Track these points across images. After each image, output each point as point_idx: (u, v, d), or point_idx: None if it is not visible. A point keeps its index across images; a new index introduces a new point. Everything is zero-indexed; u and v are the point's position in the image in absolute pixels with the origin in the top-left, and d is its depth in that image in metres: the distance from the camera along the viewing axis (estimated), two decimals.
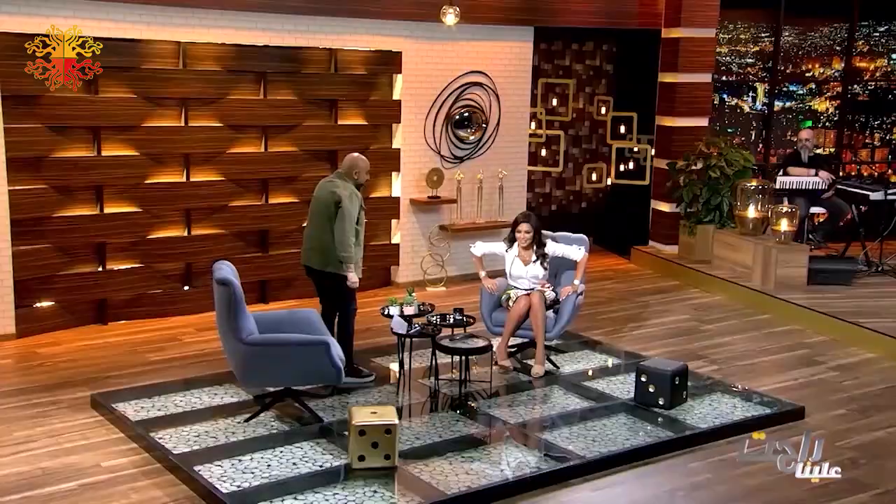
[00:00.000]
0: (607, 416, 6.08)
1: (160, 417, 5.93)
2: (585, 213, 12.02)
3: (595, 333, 8.03)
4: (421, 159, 9.51)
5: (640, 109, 11.55)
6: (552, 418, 6.08)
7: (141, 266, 8.18)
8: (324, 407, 6.14)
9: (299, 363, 5.73)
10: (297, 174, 8.85)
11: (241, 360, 5.68)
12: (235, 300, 5.60)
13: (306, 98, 8.78)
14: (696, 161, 10.38)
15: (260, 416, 5.93)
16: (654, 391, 6.14)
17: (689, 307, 9.13)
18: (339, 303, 6.46)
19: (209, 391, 6.41)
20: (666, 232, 10.94)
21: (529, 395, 6.48)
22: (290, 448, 5.49)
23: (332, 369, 5.75)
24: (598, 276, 10.33)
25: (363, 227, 6.40)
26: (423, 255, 9.61)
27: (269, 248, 8.84)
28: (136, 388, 6.44)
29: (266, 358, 5.68)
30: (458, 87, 9.59)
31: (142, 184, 8.09)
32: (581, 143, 12.01)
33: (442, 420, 6.03)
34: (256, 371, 5.72)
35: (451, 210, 9.71)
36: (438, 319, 6.67)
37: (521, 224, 6.89)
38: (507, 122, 9.96)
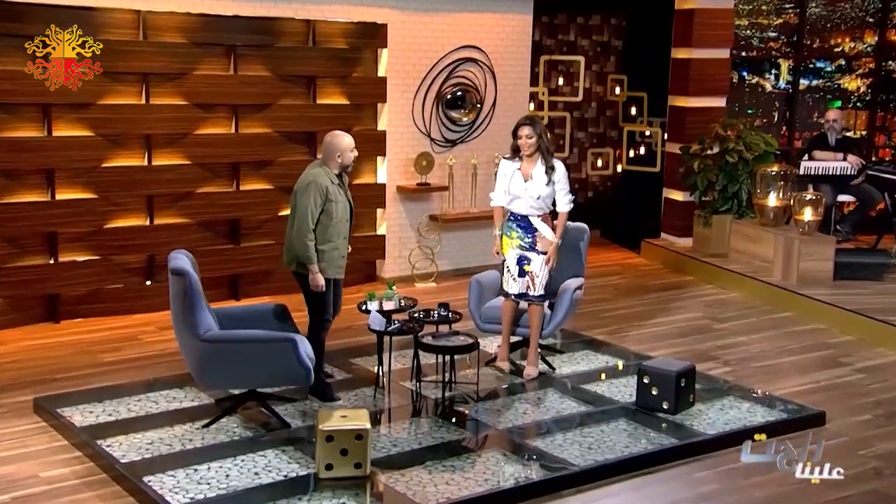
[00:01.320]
0: (606, 422, 6.00)
1: (110, 423, 5.84)
2: (592, 203, 12.01)
3: (598, 332, 7.98)
4: (409, 143, 9.44)
5: (651, 89, 11.52)
6: (545, 424, 5.99)
7: (97, 258, 8.09)
8: (293, 412, 6.06)
9: (263, 362, 5.64)
10: (271, 158, 8.77)
11: (198, 359, 5.59)
12: (191, 292, 5.51)
13: (281, 74, 8.71)
14: (712, 145, 10.33)
15: (221, 422, 5.84)
16: (657, 394, 6.06)
17: (703, 304, 9.09)
18: (309, 309, 6.11)
19: (167, 394, 6.33)
20: (679, 223, 10.91)
21: (521, 399, 6.40)
22: (252, 456, 5.40)
23: (301, 369, 5.64)
24: (604, 271, 10.31)
25: (341, 222, 6.01)
26: (412, 248, 9.54)
27: (240, 240, 8.77)
28: (85, 391, 6.36)
29: (225, 356, 5.59)
30: (449, 63, 9.52)
31: (98, 167, 8.00)
32: (587, 126, 11.96)
33: (423, 425, 5.96)
34: (215, 371, 5.63)
35: (441, 198, 9.64)
36: (421, 315, 6.59)
37: (523, 128, 6.35)
38: (504, 103, 9.88)
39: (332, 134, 6.12)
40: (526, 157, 6.48)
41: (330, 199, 5.94)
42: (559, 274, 6.96)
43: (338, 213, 5.99)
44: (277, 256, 8.70)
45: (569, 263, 7.07)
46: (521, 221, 6.53)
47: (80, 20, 7.63)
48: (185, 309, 5.53)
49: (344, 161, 6.04)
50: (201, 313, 5.56)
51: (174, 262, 5.66)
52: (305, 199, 5.88)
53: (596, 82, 11.90)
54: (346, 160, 6.05)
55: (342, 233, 6.07)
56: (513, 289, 6.59)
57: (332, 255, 6.06)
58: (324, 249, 6.01)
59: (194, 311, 5.53)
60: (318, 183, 5.90)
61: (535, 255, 6.52)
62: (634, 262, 10.87)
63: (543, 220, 6.55)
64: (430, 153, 9.48)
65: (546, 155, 6.43)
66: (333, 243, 6.04)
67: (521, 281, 6.57)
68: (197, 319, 5.54)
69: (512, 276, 6.58)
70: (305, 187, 5.90)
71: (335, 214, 5.98)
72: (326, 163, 6.04)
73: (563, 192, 6.52)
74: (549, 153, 6.46)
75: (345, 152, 6.02)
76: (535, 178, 6.43)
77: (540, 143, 6.41)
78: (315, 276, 5.97)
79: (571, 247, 7.13)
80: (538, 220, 6.53)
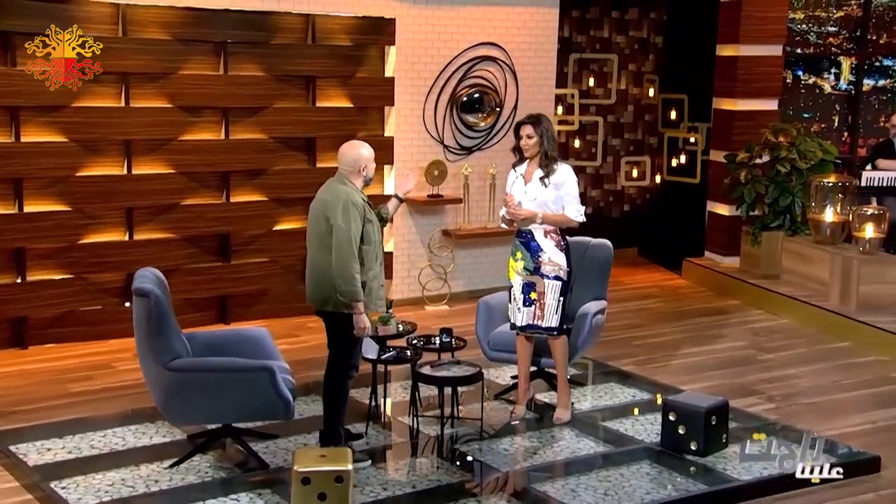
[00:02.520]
0: (627, 464, 5.85)
1: (68, 462, 5.76)
2: (627, 218, 11.92)
3: (626, 362, 7.86)
4: (419, 150, 9.36)
5: (693, 90, 11.39)
6: (557, 466, 5.88)
7: (70, 277, 8.04)
8: (275, 449, 5.97)
9: (237, 394, 5.54)
10: (264, 166, 8.71)
11: (164, 390, 5.50)
12: (157, 315, 5.41)
13: (276, 74, 8.66)
14: (762, 153, 10.19)
15: (192, 460, 5.74)
16: (684, 433, 5.90)
17: (748, 332, 8.94)
18: (335, 353, 5.72)
19: (136, 429, 6.25)
20: (724, 241, 10.77)
21: (532, 437, 6.27)
22: (224, 500, 5.30)
23: (279, 401, 5.55)
24: (639, 293, 10.22)
25: (376, 245, 5.64)
26: (422, 267, 9.45)
27: (230, 257, 8.70)
28: (45, 425, 6.28)
29: (195, 387, 5.50)
30: (465, 62, 9.45)
31: (72, 177, 7.96)
32: (623, 132, 11.86)
33: (420, 466, 5.87)
34: (182, 403, 5.54)
35: (456, 212, 9.55)
36: (420, 342, 6.47)
37: (523, 127, 6.21)
38: (526, 106, 9.71)
39: (350, 144, 5.74)
40: (529, 161, 6.31)
41: (367, 218, 5.56)
42: (578, 296, 6.80)
43: (374, 234, 5.65)
44: (272, 275, 8.81)
45: (589, 284, 6.93)
46: (526, 239, 6.29)
47: (53, 14, 7.62)
48: (150, 334, 5.44)
49: (368, 173, 5.72)
50: (168, 339, 5.46)
51: (137, 281, 5.60)
52: (345, 221, 5.43)
53: (632, 83, 11.78)
54: (370, 172, 5.74)
55: (380, 257, 5.73)
56: (518, 320, 6.34)
57: (373, 285, 5.62)
58: (364, 280, 5.54)
59: (160, 337, 5.43)
60: (353, 201, 5.49)
61: (541, 279, 6.25)
62: (674, 283, 10.75)
63: (550, 238, 6.27)
64: (442, 161, 9.39)
65: (546, 158, 6.23)
66: (374, 271, 5.62)
67: (527, 311, 6.29)
68: (162, 346, 5.44)
69: (517, 306, 6.33)
70: (341, 208, 5.45)
71: (373, 237, 5.60)
72: (349, 177, 5.67)
73: (571, 198, 6.28)
74: (551, 157, 6.24)
75: (368, 163, 5.70)
76: (535, 181, 6.27)
77: (542, 144, 6.22)
78: (361, 317, 5.52)
79: (592, 265, 6.99)
80: (544, 238, 6.26)
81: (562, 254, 6.29)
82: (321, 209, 5.58)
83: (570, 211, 6.28)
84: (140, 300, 5.45)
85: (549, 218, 6.24)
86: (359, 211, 5.52)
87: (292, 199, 8.76)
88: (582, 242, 7.06)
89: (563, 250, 6.30)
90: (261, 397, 5.52)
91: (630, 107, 11.81)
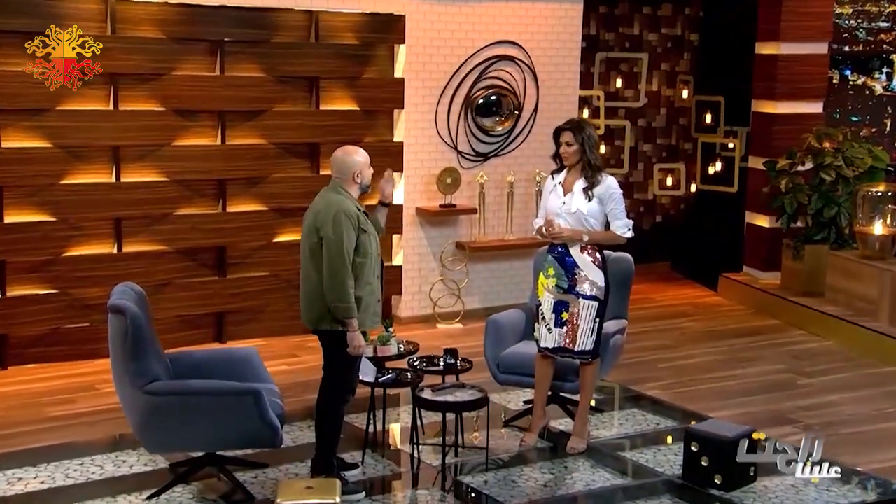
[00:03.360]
0: (644, 498, 5.76)
1: (39, 493, 5.71)
2: (659, 229, 11.91)
3: (651, 386, 7.82)
4: (431, 156, 9.36)
5: (730, 92, 11.33)
6: (570, 500, 5.81)
7: (54, 293, 8.03)
8: (263, 479, 5.92)
9: (220, 420, 5.48)
10: (264, 174, 8.70)
11: (141, 415, 5.45)
12: (134, 334, 5.36)
13: (277, 75, 8.65)
14: (804, 159, 10.10)
15: (173, 491, 5.70)
16: (708, 465, 5.79)
17: (787, 354, 8.87)
18: (330, 375, 5.68)
19: (116, 457, 6.21)
20: (764, 255, 10.71)
21: (543, 468, 6.18)
22: None
23: (266, 428, 5.48)
24: (670, 311, 10.20)
25: (373, 257, 5.60)
26: (434, 283, 9.42)
27: (227, 271, 8.69)
28: (18, 452, 6.25)
29: (173, 412, 5.43)
30: (481, 61, 9.43)
31: (56, 185, 7.97)
32: (655, 137, 11.82)
33: (420, 499, 5.82)
34: (161, 430, 5.48)
35: (470, 223, 9.52)
36: (423, 364, 6.42)
37: (564, 133, 6.11)
38: (547, 109, 9.76)
39: (343, 150, 5.69)
40: (569, 169, 6.20)
41: (363, 229, 5.53)
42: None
43: (371, 246, 5.60)
44: (271, 291, 8.77)
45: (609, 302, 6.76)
46: (560, 254, 6.15)
47: (38, 12, 7.64)
48: (126, 354, 5.39)
49: (364, 180, 5.67)
50: (145, 359, 5.40)
51: (114, 296, 5.55)
52: (336, 233, 5.40)
53: (665, 84, 11.74)
54: (366, 179, 5.69)
55: (376, 270, 5.67)
56: (548, 342, 6.22)
57: (369, 300, 5.56)
58: (360, 296, 5.49)
59: (137, 357, 5.38)
60: (346, 211, 5.44)
61: (575, 298, 6.13)
62: (709, 301, 10.70)
63: (587, 253, 6.12)
64: (456, 169, 9.36)
65: (590, 168, 6.12)
66: (372, 285, 5.59)
67: (558, 332, 6.17)
68: (139, 367, 5.39)
69: (547, 326, 6.20)
70: (332, 219, 5.42)
71: (369, 249, 5.55)
72: (343, 185, 5.62)
73: (619, 212, 6.15)
74: (594, 167, 6.12)
75: (363, 169, 5.65)
76: (576, 192, 6.15)
77: (583, 152, 6.11)
78: (355, 335, 5.49)
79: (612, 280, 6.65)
80: (581, 254, 6.11)
81: (600, 271, 6.16)
82: (312, 220, 5.54)
83: (618, 227, 6.15)
84: (116, 318, 5.41)
85: (596, 237, 6.12)
86: (352, 221, 5.47)
87: (293, 209, 8.70)
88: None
89: (601, 267, 6.17)
90: (246, 423, 5.45)
91: (662, 110, 11.77)
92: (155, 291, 8.24)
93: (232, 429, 5.50)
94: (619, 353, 6.85)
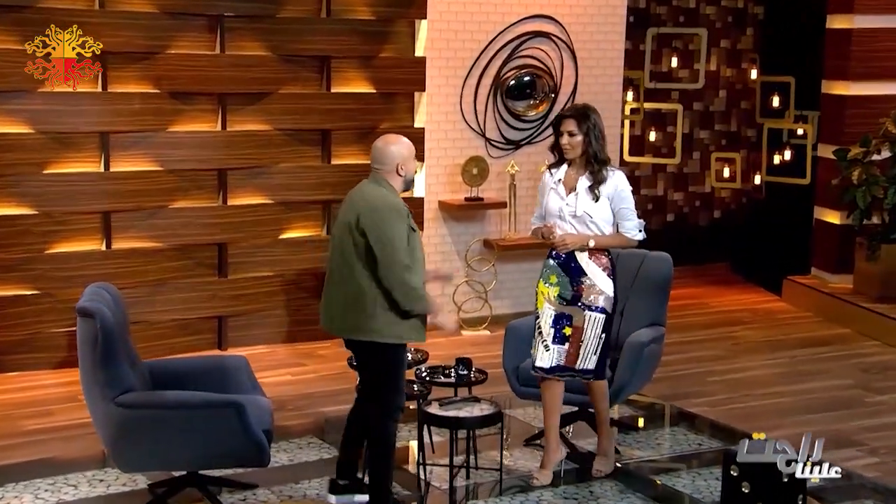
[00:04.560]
0: None
1: None
2: (718, 227, 11.91)
3: (697, 402, 7.76)
4: (455, 144, 9.34)
5: (801, 71, 11.31)
6: None
7: (36, 293, 8.07)
8: (253, 502, 5.94)
9: (200, 435, 5.47)
10: (268, 163, 8.72)
11: (112, 429, 5.46)
12: (104, 340, 5.35)
13: (284, 54, 8.66)
14: (880, 147, 10.01)
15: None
16: (749, 493, 5.68)
17: (856, 368, 8.78)
18: (374, 391, 5.59)
19: (93, 476, 6.23)
20: (835, 255, 10.63)
21: (565, 493, 6.13)
22: None
23: (250, 445, 5.46)
24: (726, 318, 10.15)
25: (422, 258, 5.61)
26: (458, 284, 9.38)
27: (227, 271, 8.70)
28: None
29: (147, 427, 5.43)
30: (513, 38, 9.42)
31: (38, 174, 8.01)
32: (713, 123, 11.83)
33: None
34: (134, 446, 5.47)
35: (499, 218, 9.50)
36: (431, 375, 6.44)
37: (565, 121, 5.89)
38: (588, 91, 9.71)
39: (384, 139, 5.63)
40: (570, 164, 6.02)
41: (412, 228, 5.47)
42: (628, 321, 6.68)
43: (417, 248, 5.55)
44: (276, 293, 8.77)
45: (643, 306, 6.83)
46: (564, 259, 5.99)
47: None
48: (96, 362, 5.39)
49: (408, 173, 5.62)
50: (117, 368, 5.40)
51: (83, 298, 5.56)
52: (392, 229, 5.33)
53: (725, 63, 11.72)
54: (410, 172, 5.63)
55: (422, 275, 5.62)
56: (544, 360, 5.99)
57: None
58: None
59: (107, 365, 5.37)
60: (395, 207, 5.39)
61: (580, 311, 5.94)
62: (772, 306, 10.64)
63: (595, 259, 5.96)
64: (483, 158, 9.35)
65: (595, 162, 5.92)
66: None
67: (557, 349, 5.97)
68: (110, 376, 5.38)
69: (544, 342, 5.99)
70: (382, 216, 5.35)
71: (416, 251, 5.50)
72: (386, 178, 5.55)
73: (629, 212, 5.97)
74: (599, 160, 5.92)
75: (407, 162, 5.60)
76: (580, 190, 5.97)
77: (588, 144, 5.92)
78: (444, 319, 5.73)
79: (648, 283, 6.88)
80: (588, 259, 5.95)
81: (609, 280, 5.98)
82: (353, 218, 5.43)
83: (629, 229, 5.97)
84: (84, 322, 5.42)
85: (603, 241, 5.95)
86: (402, 218, 5.41)
87: (302, 203, 8.71)
88: (635, 255, 6.92)
89: (610, 275, 6.00)
90: (228, 439, 5.44)
91: (722, 92, 11.76)
92: (148, 293, 8.33)
93: (213, 445, 5.49)
94: (653, 364, 6.78)
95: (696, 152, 11.63)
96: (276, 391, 7.75)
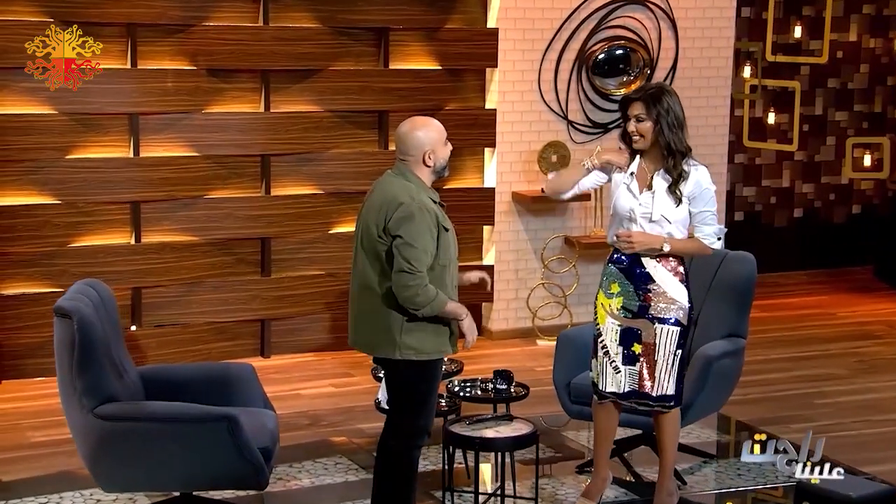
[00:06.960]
0: None
1: None
2: (858, 224, 11.79)
3: (796, 429, 7.52)
4: (532, 127, 9.35)
5: None
6: None
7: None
8: None
9: (189, 452, 5.53)
10: (318, 148, 8.81)
11: (92, 444, 5.54)
12: (82, 342, 5.43)
13: (335, 25, 8.74)
14: None
15: None
16: None
17: None
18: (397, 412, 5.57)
19: (87, 494, 6.35)
20: None
21: None
22: None
23: (246, 464, 5.49)
24: (855, 331, 10.02)
25: (453, 258, 5.52)
26: (534, 286, 9.36)
27: (270, 269, 8.80)
28: None
29: (131, 442, 5.50)
30: (600, 6, 9.41)
31: (61, 160, 8.19)
32: (852, 103, 11.70)
33: None
34: (117, 463, 5.55)
35: (583, 212, 9.51)
36: (464, 388, 6.49)
37: (633, 104, 5.70)
38: (691, 67, 9.70)
39: (410, 122, 5.53)
40: (642, 156, 5.82)
41: (443, 226, 5.41)
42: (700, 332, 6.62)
43: (450, 248, 5.50)
44: (325, 294, 8.84)
45: (720, 315, 6.75)
46: (627, 263, 5.84)
47: None
48: (74, 368, 5.46)
49: (438, 163, 5.50)
50: (97, 375, 5.48)
51: (65, 296, 5.65)
52: (416, 234, 5.25)
53: (867, 32, 11.57)
54: (441, 160, 5.51)
55: (455, 279, 5.59)
56: (614, 385, 5.85)
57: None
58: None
59: (85, 371, 5.45)
60: (425, 207, 5.33)
61: (650, 324, 5.77)
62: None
63: (664, 263, 5.78)
64: (564, 143, 9.34)
65: (671, 153, 5.73)
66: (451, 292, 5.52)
67: (629, 371, 5.82)
68: (89, 384, 5.46)
69: (612, 364, 5.84)
70: (403, 213, 5.27)
71: (449, 251, 5.45)
72: (411, 169, 5.49)
73: (711, 216, 5.80)
74: (677, 151, 5.72)
75: (436, 148, 5.48)
76: (657, 189, 5.78)
77: (661, 132, 5.73)
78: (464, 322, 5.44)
79: (726, 287, 6.79)
80: (656, 264, 5.80)
81: (682, 286, 5.83)
82: (375, 216, 5.38)
83: (706, 235, 5.80)
84: (61, 322, 5.49)
85: (678, 247, 5.78)
86: (430, 216, 5.34)
87: (354, 194, 8.72)
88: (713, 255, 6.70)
89: (684, 281, 5.85)
90: (220, 457, 5.48)
91: (863, 67, 11.62)
92: (181, 293, 8.49)
93: (204, 464, 5.54)
94: (727, 384, 6.69)
95: (829, 137, 11.50)
96: (314, 404, 7.86)
